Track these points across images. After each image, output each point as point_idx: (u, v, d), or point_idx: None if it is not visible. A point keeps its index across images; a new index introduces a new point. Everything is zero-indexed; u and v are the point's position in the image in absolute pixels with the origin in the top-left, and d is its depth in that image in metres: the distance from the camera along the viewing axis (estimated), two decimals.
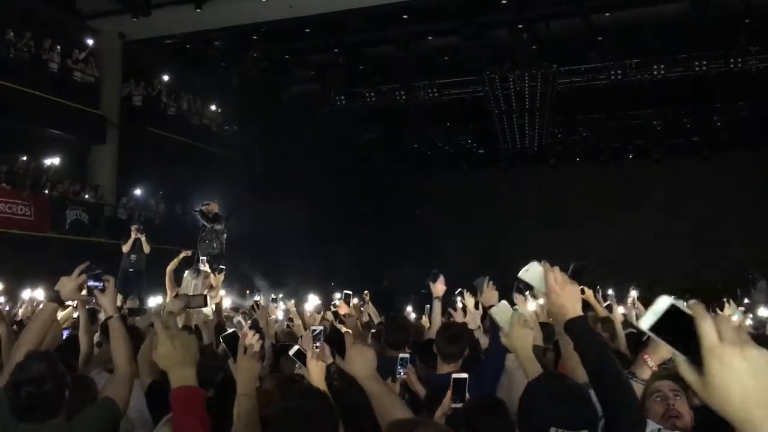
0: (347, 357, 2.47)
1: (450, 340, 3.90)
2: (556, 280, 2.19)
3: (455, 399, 2.97)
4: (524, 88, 17.96)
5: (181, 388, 2.01)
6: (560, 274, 2.20)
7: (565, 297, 2.17)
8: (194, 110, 19.50)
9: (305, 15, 15.50)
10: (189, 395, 2.01)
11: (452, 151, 24.66)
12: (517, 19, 16.27)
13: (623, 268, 18.66)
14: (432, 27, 17.07)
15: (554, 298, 2.18)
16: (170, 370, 2.04)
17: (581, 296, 2.41)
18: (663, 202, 21.92)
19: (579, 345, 2.17)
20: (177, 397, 2.00)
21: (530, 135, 20.09)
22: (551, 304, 2.21)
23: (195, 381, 2.05)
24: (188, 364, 2.06)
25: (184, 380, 2.03)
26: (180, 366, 2.04)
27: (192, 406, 2.00)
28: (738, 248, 20.09)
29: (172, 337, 2.06)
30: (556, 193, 23.42)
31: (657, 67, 17.15)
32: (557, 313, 2.21)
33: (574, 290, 2.19)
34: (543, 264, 2.23)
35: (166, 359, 2.05)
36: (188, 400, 2.00)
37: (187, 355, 2.06)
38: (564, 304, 2.17)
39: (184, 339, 2.07)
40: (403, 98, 19.39)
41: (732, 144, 21.32)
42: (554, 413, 1.95)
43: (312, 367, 2.87)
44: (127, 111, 17.14)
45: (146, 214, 17.21)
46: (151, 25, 15.82)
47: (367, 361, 2.43)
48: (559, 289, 2.18)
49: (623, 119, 21.12)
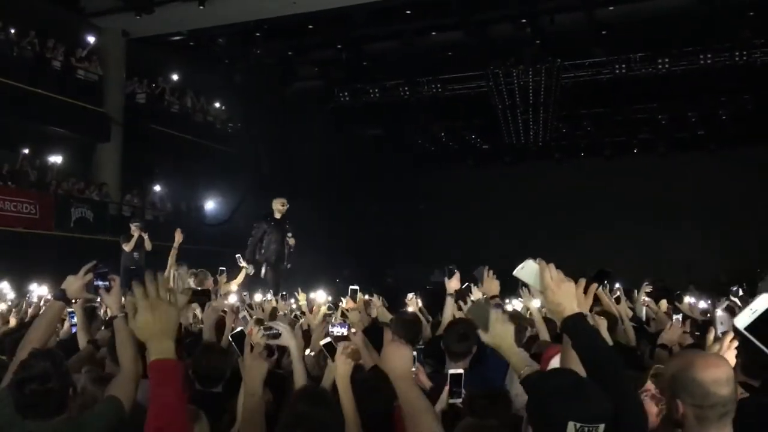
0: (383, 354, 2.44)
1: (458, 339, 3.87)
2: (552, 278, 2.18)
3: (453, 394, 2.96)
4: (528, 83, 17.91)
5: (159, 360, 1.93)
6: (555, 271, 2.19)
7: (561, 294, 2.16)
8: (198, 108, 19.52)
9: (308, 12, 15.49)
10: (167, 368, 1.93)
11: (456, 146, 24.64)
12: (521, 14, 16.21)
13: (629, 262, 18.63)
14: (435, 22, 17.02)
15: (550, 295, 2.17)
16: (148, 342, 1.96)
17: (594, 292, 2.40)
18: (669, 196, 21.86)
19: (577, 342, 2.16)
20: (154, 369, 1.93)
21: (534, 130, 20.04)
22: (548, 302, 2.20)
23: (173, 353, 1.97)
24: (168, 336, 1.97)
25: (163, 352, 1.94)
26: (159, 337, 1.95)
27: (169, 378, 1.93)
28: (745, 242, 20.03)
29: (151, 307, 1.96)
30: (561, 188, 23.38)
31: (662, 60, 17.07)
32: (554, 311, 2.20)
33: (570, 287, 2.18)
34: (538, 262, 2.22)
35: (144, 330, 1.96)
36: (166, 372, 1.93)
37: (167, 327, 1.97)
38: (560, 302, 2.16)
39: (164, 310, 1.97)
40: (407, 94, 19.35)
41: (738, 138, 21.24)
42: (571, 408, 1.93)
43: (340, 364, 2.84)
44: (131, 109, 17.16)
45: (153, 212, 17.26)
46: (154, 23, 15.81)
47: (404, 360, 2.40)
48: (555, 287, 2.16)
49: (628, 113, 21.05)
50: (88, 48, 16.11)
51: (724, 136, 21.44)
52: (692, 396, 2.05)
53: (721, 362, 2.13)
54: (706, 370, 2.05)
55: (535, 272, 2.20)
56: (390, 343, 2.44)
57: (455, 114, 21.65)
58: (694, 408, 2.05)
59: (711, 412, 2.03)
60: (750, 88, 18.60)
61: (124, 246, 11.31)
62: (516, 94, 18.32)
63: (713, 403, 2.02)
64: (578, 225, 22.29)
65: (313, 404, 2.46)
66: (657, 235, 21.42)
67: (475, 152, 24.84)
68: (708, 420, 2.04)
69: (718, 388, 2.02)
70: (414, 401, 2.32)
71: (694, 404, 2.05)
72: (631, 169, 22.76)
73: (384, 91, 19.51)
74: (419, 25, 16.93)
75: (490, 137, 22.86)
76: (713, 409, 2.03)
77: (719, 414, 2.03)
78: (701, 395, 2.03)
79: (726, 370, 2.07)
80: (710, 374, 2.04)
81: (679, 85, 18.10)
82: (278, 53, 18.72)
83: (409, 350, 2.43)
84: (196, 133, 18.77)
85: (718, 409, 2.03)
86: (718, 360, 2.15)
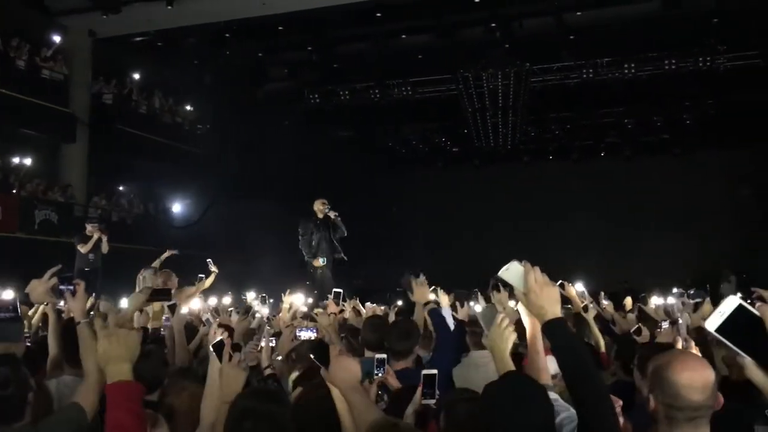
0: (331, 368, 2.46)
1: (400, 337, 3.95)
2: (537, 281, 2.20)
3: (426, 395, 2.97)
4: (497, 87, 18.05)
5: (116, 383, 1.98)
6: (540, 274, 2.22)
7: (544, 298, 2.18)
8: (166, 108, 19.29)
9: (278, 13, 15.41)
10: (124, 390, 1.98)
11: (427, 149, 24.72)
12: (491, 18, 16.34)
13: (595, 264, 18.88)
14: (406, 25, 17.08)
15: (533, 298, 2.19)
16: (106, 367, 2.03)
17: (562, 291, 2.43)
18: (634, 199, 22.20)
19: (556, 346, 2.19)
20: (111, 392, 1.97)
21: (503, 133, 20.21)
22: (530, 305, 2.22)
23: (131, 376, 2.01)
24: (125, 360, 2.04)
25: (120, 375, 2.00)
26: (116, 362, 2.02)
27: (126, 401, 1.96)
28: (708, 245, 20.44)
29: (109, 335, 2.04)
30: (530, 190, 23.61)
31: (628, 66, 17.34)
32: (536, 314, 2.22)
33: (554, 291, 2.20)
34: (524, 264, 2.24)
35: (104, 355, 2.04)
36: (123, 395, 1.97)
37: (124, 351, 2.04)
38: (543, 305, 2.19)
39: (121, 336, 2.05)
40: (378, 96, 19.37)
41: (702, 142, 21.67)
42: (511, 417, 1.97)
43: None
44: (98, 109, 16.88)
45: (120, 214, 17.02)
46: (121, 23, 15.56)
47: (351, 372, 2.42)
48: (539, 290, 2.19)
49: (595, 117, 21.35)
50: (53, 47, 15.80)
51: (688, 141, 21.85)
52: (663, 394, 2.09)
53: (701, 367, 2.12)
54: (681, 373, 2.08)
55: (519, 274, 2.22)
56: (336, 356, 2.47)
57: (426, 116, 21.73)
58: (664, 406, 2.09)
59: (679, 414, 2.07)
60: (713, 93, 18.98)
61: (79, 247, 11.00)
62: (485, 97, 18.46)
63: (682, 405, 2.05)
64: (546, 227, 22.53)
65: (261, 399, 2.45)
66: (623, 238, 21.73)
67: (445, 155, 24.96)
68: (676, 420, 2.08)
69: (689, 392, 2.05)
70: (365, 410, 2.35)
71: (665, 402, 2.09)
72: (598, 173, 23.07)
73: (354, 93, 19.51)
74: (390, 28, 16.97)
75: (460, 140, 22.99)
76: (681, 411, 2.06)
77: (688, 417, 2.06)
78: (671, 395, 2.07)
79: (703, 376, 2.08)
80: (684, 377, 2.07)
81: (644, 90, 18.42)
82: (248, 54, 18.59)
83: (356, 363, 2.45)
84: (164, 134, 18.53)
85: (686, 412, 2.06)
86: (698, 365, 2.15)
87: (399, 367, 3.85)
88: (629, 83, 17.90)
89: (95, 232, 11.07)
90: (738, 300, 1.02)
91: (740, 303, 1.01)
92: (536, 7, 16.05)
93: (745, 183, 20.92)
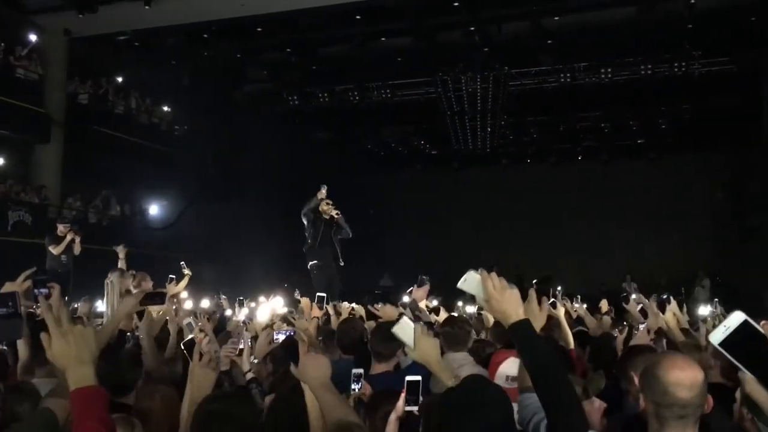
0: (300, 365, 2.44)
1: (384, 340, 3.92)
2: (495, 287, 2.22)
3: (409, 401, 2.95)
4: (476, 90, 18.16)
5: (81, 389, 1.86)
6: (498, 279, 2.23)
7: (505, 302, 2.20)
8: (143, 109, 19.11)
9: (257, 14, 15.34)
10: (89, 396, 1.87)
11: (406, 151, 24.76)
12: (469, 22, 16.41)
13: (572, 266, 19.04)
14: (385, 28, 17.09)
15: (495, 304, 2.20)
16: (67, 370, 1.89)
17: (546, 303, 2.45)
18: (611, 202, 22.42)
19: (522, 348, 2.20)
20: (76, 398, 1.86)
21: (482, 136, 20.32)
22: (493, 311, 2.23)
23: (94, 380, 1.90)
24: (86, 362, 1.90)
25: (83, 380, 1.88)
26: (77, 364, 1.88)
27: (91, 406, 1.85)
28: (683, 248, 20.69)
29: (65, 333, 1.90)
30: (508, 193, 23.75)
31: (605, 70, 17.53)
32: (500, 319, 2.24)
33: (514, 294, 2.22)
34: (480, 272, 2.25)
35: (61, 358, 1.89)
36: (89, 401, 1.86)
37: (84, 352, 1.90)
38: (505, 310, 2.20)
39: (78, 334, 1.91)
40: (357, 99, 19.38)
41: (677, 146, 21.95)
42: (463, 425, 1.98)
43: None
44: (73, 109, 16.66)
45: (96, 216, 16.82)
46: (97, 22, 15.37)
47: (321, 370, 2.41)
48: (499, 295, 2.20)
49: (572, 121, 21.53)
50: (28, 47, 15.60)
51: (663, 145, 22.13)
52: (653, 393, 2.13)
53: (689, 367, 2.16)
54: (670, 371, 2.12)
55: (477, 282, 2.23)
56: (305, 354, 2.45)
57: (405, 119, 21.77)
58: (654, 405, 2.13)
59: (668, 412, 2.10)
60: (688, 98, 19.24)
61: (51, 248, 10.72)
62: (464, 100, 18.55)
63: (670, 403, 2.09)
64: (524, 229, 22.68)
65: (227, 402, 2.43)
66: (600, 240, 21.93)
67: (424, 157, 25.02)
68: (665, 418, 2.11)
69: (677, 390, 2.09)
70: (334, 408, 2.34)
71: (654, 401, 2.13)
72: (576, 176, 23.28)
73: (334, 94, 19.50)
74: (369, 30, 16.96)
75: (439, 142, 23.06)
76: (670, 409, 2.10)
77: (677, 415, 2.10)
78: (660, 393, 2.11)
79: (691, 375, 2.12)
80: (673, 375, 2.10)
81: (621, 94, 18.62)
82: (227, 55, 18.48)
83: (326, 360, 2.45)
84: (141, 135, 18.35)
85: (675, 410, 2.09)
86: (687, 364, 2.18)
87: (380, 371, 3.83)
88: (606, 88, 18.09)
89: (69, 233, 10.82)
90: (743, 316, 1.03)
91: (746, 319, 1.03)
92: (514, 11, 16.14)
93: (719, 187, 21.22)
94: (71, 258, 10.92)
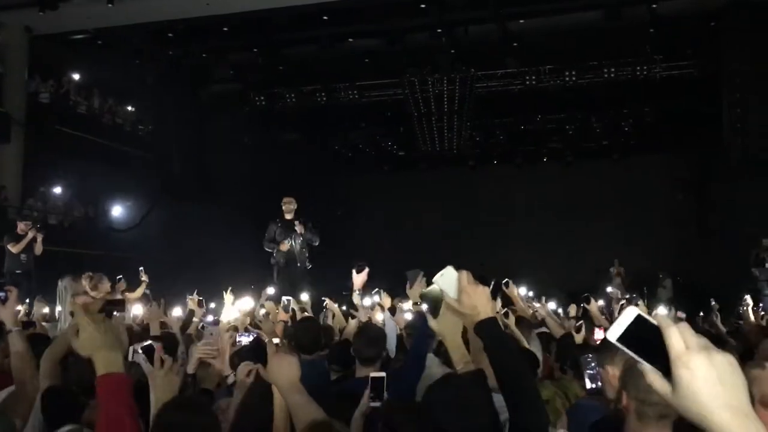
0: (269, 366, 2.43)
1: (368, 343, 3.90)
2: (469, 281, 2.24)
3: (373, 398, 2.96)
4: (443, 92, 18.26)
5: (109, 375, 1.85)
6: (470, 276, 2.25)
7: (477, 298, 2.21)
8: (106, 109, 18.81)
9: (223, 14, 15.21)
10: (116, 382, 1.86)
11: (373, 153, 24.78)
12: (436, 24, 16.51)
13: (538, 267, 19.23)
14: (353, 29, 17.09)
15: (466, 299, 2.21)
16: (95, 355, 1.87)
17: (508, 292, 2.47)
18: (576, 202, 22.69)
19: (488, 346, 2.22)
20: (104, 384, 1.85)
21: (449, 138, 20.42)
22: (464, 307, 2.24)
23: (122, 367, 1.90)
24: (114, 348, 1.91)
25: (112, 365, 1.87)
26: (106, 350, 1.87)
27: (118, 393, 1.86)
28: (646, 249, 21.03)
29: (94, 321, 1.90)
30: (476, 194, 23.90)
31: (569, 73, 17.79)
32: (469, 314, 2.25)
33: (485, 292, 2.23)
34: (460, 272, 2.27)
35: (90, 343, 1.88)
36: (115, 387, 1.86)
37: (112, 339, 1.91)
38: (476, 305, 2.21)
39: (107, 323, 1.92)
40: (324, 100, 19.35)
41: (639, 147, 22.32)
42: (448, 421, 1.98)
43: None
44: (34, 109, 16.32)
45: (57, 217, 16.51)
46: (59, 20, 15.08)
47: (291, 371, 2.40)
48: (471, 291, 2.22)
49: (537, 123, 21.80)
50: None
51: (626, 146, 22.51)
52: (636, 389, 2.11)
53: None
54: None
55: (454, 278, 2.25)
56: (274, 354, 2.44)
57: (372, 120, 21.79)
58: (636, 402, 2.12)
59: (650, 410, 2.09)
60: (650, 101, 19.62)
61: (10, 246, 10.38)
62: (431, 102, 18.64)
63: (654, 400, 2.05)
64: (491, 230, 22.83)
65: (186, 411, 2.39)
66: (565, 240, 22.17)
67: (392, 158, 25.07)
68: (647, 417, 2.10)
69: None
70: (303, 408, 2.34)
71: (637, 398, 2.12)
72: (541, 177, 23.52)
73: (301, 95, 19.44)
74: (336, 31, 16.95)
75: (407, 144, 23.13)
76: (652, 407, 2.08)
77: (658, 414, 2.09)
78: (644, 389, 2.05)
79: None
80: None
81: (585, 97, 18.92)
82: (192, 55, 18.29)
83: (295, 360, 2.43)
84: (104, 135, 18.06)
85: (657, 408, 2.08)
86: None
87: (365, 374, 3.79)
88: (570, 90, 18.37)
89: (30, 231, 10.51)
90: (636, 311, 1.10)
91: (638, 314, 1.09)
92: (481, 14, 16.29)
93: (680, 188, 21.64)
94: (32, 258, 10.61)
